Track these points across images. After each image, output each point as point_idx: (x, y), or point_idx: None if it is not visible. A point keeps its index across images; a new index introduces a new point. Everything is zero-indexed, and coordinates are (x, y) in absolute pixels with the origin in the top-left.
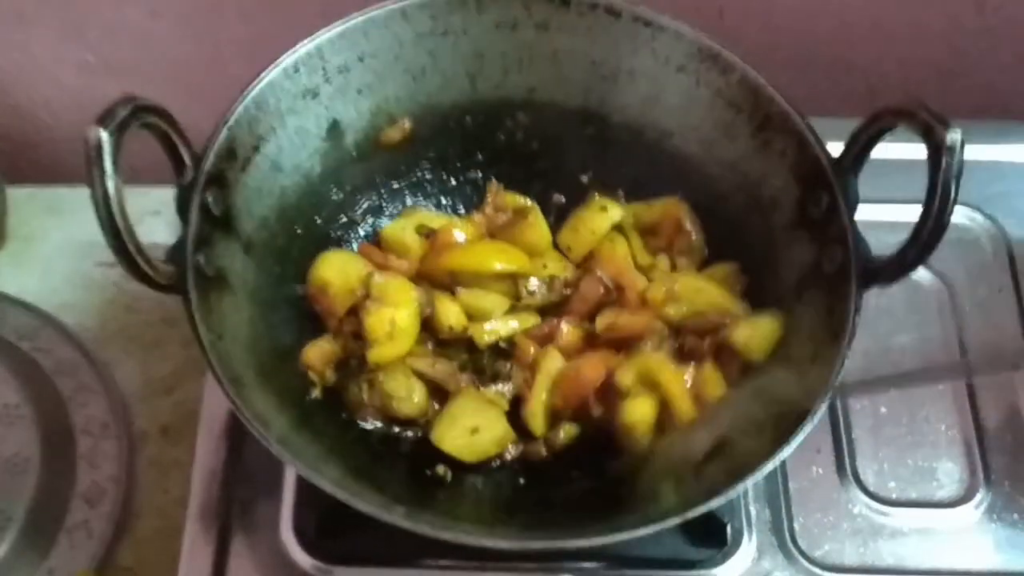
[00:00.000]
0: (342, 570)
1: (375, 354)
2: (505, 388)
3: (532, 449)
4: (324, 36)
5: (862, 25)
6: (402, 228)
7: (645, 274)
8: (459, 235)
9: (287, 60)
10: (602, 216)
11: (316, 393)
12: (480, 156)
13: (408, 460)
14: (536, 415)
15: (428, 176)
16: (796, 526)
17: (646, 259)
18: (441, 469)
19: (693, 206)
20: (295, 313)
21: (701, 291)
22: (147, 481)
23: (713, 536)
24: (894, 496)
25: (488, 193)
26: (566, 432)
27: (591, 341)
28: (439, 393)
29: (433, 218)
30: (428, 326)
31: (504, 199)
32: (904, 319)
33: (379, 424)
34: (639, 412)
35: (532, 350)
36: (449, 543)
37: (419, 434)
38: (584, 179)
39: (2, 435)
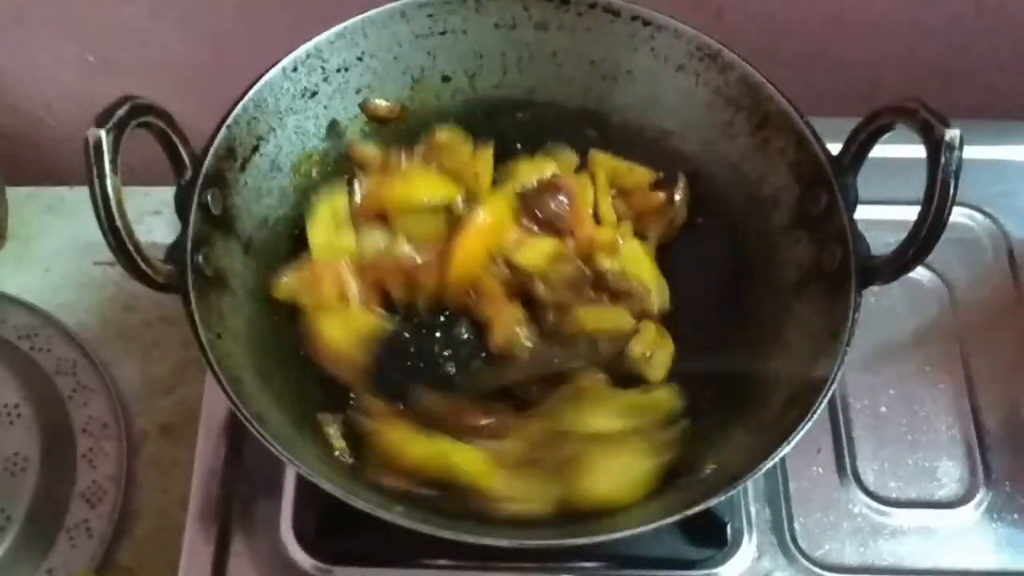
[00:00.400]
0: (342, 570)
1: None
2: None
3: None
4: (323, 36)
5: (862, 24)
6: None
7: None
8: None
9: (286, 60)
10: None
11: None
12: None
13: None
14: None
15: None
16: (796, 526)
17: (607, 213)
18: None
19: (693, 205)
20: (295, 313)
21: (637, 261)
22: (147, 481)
23: (713, 536)
24: (894, 496)
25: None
26: None
27: None
28: None
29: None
30: None
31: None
32: (904, 319)
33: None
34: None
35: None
36: (449, 542)
37: None
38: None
39: (2, 435)
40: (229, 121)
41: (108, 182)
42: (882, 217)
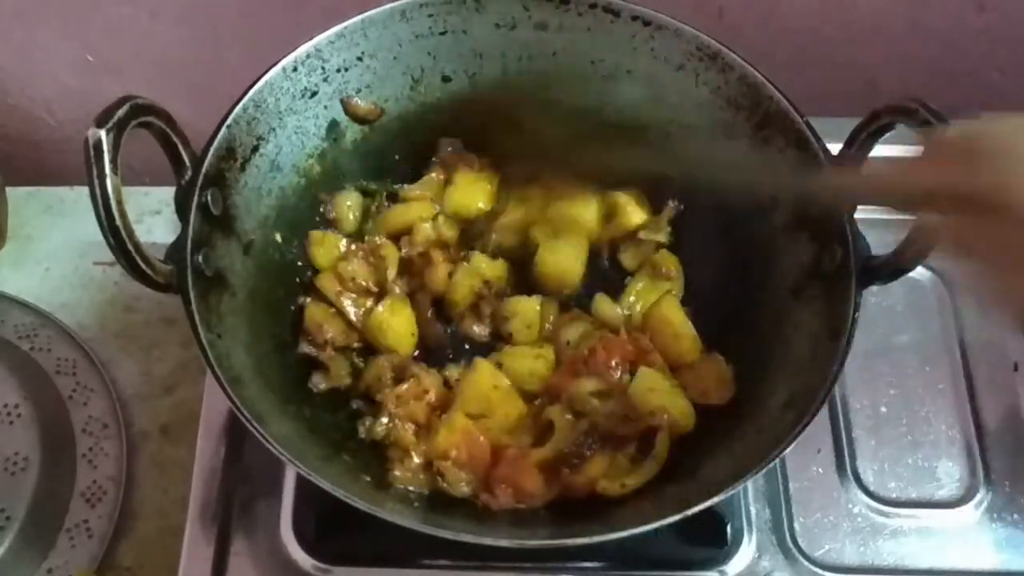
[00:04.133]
0: (342, 570)
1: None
2: None
3: None
4: (323, 36)
5: (862, 25)
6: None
7: None
8: None
9: (286, 60)
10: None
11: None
12: (480, 157)
13: None
14: None
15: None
16: (796, 526)
17: None
18: None
19: (693, 206)
20: (295, 312)
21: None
22: (147, 481)
23: (713, 536)
24: (894, 496)
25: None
26: None
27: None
28: None
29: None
30: None
31: None
32: (904, 319)
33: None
34: None
35: None
36: (449, 542)
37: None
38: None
39: (2, 435)
40: (229, 121)
41: (108, 182)
42: (882, 217)
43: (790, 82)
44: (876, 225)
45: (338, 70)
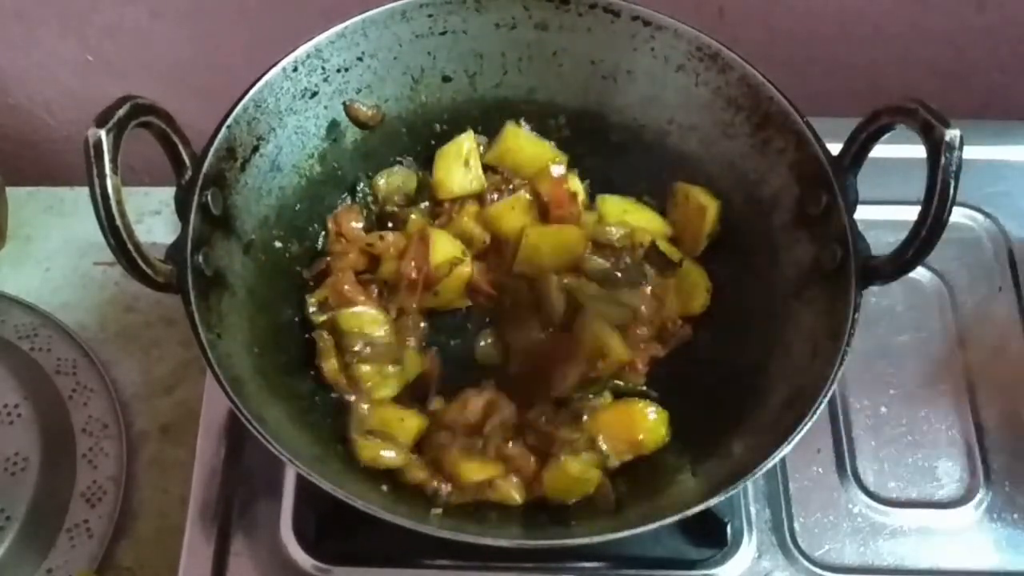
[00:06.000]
0: (342, 570)
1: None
2: None
3: None
4: (323, 36)
5: (862, 25)
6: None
7: None
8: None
9: (286, 60)
10: None
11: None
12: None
13: None
14: None
15: None
16: (796, 526)
17: None
18: None
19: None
20: (294, 313)
21: None
22: (147, 481)
23: (713, 536)
24: (894, 496)
25: None
26: None
27: None
28: None
29: None
30: None
31: None
32: (904, 319)
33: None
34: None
35: None
36: (449, 542)
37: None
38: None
39: (2, 435)
40: (229, 121)
41: (108, 182)
42: (882, 217)
43: (790, 82)
44: (876, 225)
45: (338, 70)
